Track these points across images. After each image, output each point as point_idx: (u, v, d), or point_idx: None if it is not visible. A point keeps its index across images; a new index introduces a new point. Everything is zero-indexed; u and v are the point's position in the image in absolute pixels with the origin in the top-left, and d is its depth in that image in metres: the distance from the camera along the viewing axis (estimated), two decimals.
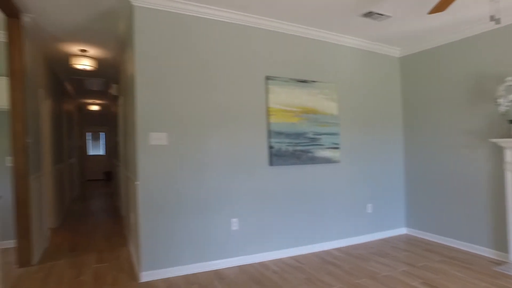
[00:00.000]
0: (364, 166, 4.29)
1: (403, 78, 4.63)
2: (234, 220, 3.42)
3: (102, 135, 12.54)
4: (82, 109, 11.46)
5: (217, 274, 3.13)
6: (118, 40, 4.21)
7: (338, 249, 3.89)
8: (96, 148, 12.54)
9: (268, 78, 3.65)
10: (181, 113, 3.20)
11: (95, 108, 10.85)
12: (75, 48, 4.56)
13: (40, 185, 3.97)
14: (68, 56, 4.88)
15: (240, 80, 3.49)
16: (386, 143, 4.50)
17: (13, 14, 3.20)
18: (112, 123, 9.75)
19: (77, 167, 9.42)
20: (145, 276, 2.99)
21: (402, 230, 4.56)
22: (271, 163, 3.64)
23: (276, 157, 3.68)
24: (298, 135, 3.83)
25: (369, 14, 3.47)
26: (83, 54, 4.76)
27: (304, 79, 3.88)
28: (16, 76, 3.27)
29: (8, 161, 4.04)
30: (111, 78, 6.33)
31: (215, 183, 3.33)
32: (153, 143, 3.08)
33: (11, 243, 3.96)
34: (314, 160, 3.92)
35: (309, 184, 3.87)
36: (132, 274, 3.15)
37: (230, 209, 3.40)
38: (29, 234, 3.38)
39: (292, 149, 3.79)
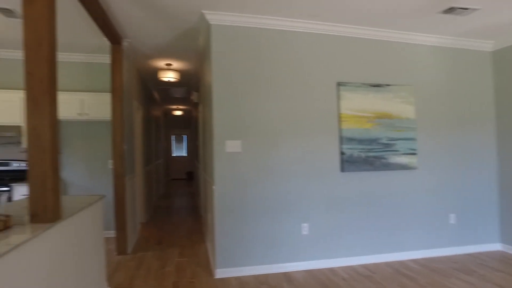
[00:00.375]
0: (445, 173, 3.97)
1: (497, 74, 4.16)
2: (305, 225, 3.48)
3: (184, 138, 13.60)
4: (168, 114, 12.60)
5: (286, 277, 3.23)
6: (198, 53, 4.59)
7: (414, 261, 3.68)
8: (180, 150, 13.64)
9: (339, 84, 3.63)
10: (254, 122, 3.38)
11: (178, 113, 11.84)
12: (162, 63, 5.09)
13: (133, 184, 4.53)
14: (156, 70, 5.47)
15: (310, 88, 3.55)
16: (474, 148, 4.09)
17: (116, 41, 3.74)
18: (193, 127, 10.53)
19: (163, 167, 10.40)
20: (220, 272, 3.23)
21: (496, 246, 4.10)
22: (343, 169, 3.61)
23: (348, 163, 3.64)
24: (371, 141, 3.73)
25: (450, 10, 3.23)
26: (168, 67, 5.29)
27: (377, 83, 3.76)
28: (116, 93, 3.81)
29: (110, 164, 4.70)
30: (192, 86, 6.88)
31: (286, 188, 3.44)
32: (229, 150, 3.31)
33: (112, 233, 4.60)
34: (388, 167, 3.77)
35: (382, 191, 3.74)
36: (208, 269, 3.43)
37: (301, 213, 3.47)
38: (125, 227, 3.90)
39: (364, 155, 3.70)
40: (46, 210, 1.83)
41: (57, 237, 1.91)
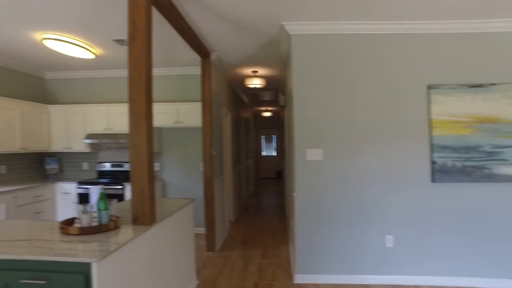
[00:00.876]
0: None
1: None
2: (389, 237, 3.32)
3: (274, 137, 13.97)
4: (257, 115, 13.11)
5: None
6: (281, 60, 4.72)
7: None
8: (269, 149, 14.06)
9: (430, 87, 3.34)
10: (335, 129, 3.35)
11: (267, 114, 12.23)
12: (248, 70, 5.37)
13: (222, 185, 4.91)
14: (243, 77, 5.79)
15: (396, 92, 3.35)
16: None
17: (204, 55, 4.12)
18: (281, 127, 10.77)
19: (253, 166, 10.89)
20: (299, 278, 3.31)
21: None
22: (434, 180, 3.33)
23: (440, 173, 3.33)
24: (468, 148, 3.34)
25: None
26: (254, 74, 5.55)
27: (478, 83, 3.34)
28: (206, 102, 4.19)
29: (201, 167, 5.17)
30: (279, 89, 7.07)
31: (369, 198, 3.33)
32: (309, 158, 3.35)
33: (202, 230, 5.07)
34: (492, 178, 3.33)
35: (483, 206, 3.32)
36: (288, 273, 3.54)
37: (385, 225, 3.32)
38: (214, 226, 4.27)
39: (460, 164, 3.34)
40: (144, 215, 2.17)
41: (153, 236, 2.25)
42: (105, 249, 1.69)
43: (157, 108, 4.86)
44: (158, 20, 3.11)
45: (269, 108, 10.94)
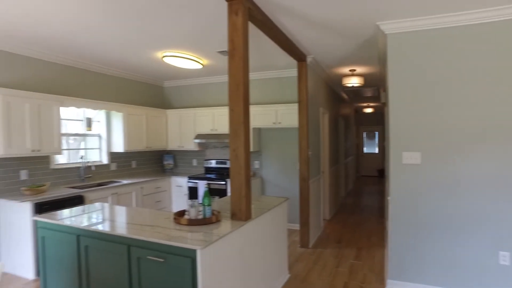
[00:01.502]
0: None
1: None
2: (504, 253, 2.97)
3: (376, 134, 13.29)
4: (358, 111, 12.66)
5: None
6: (379, 58, 4.55)
7: None
8: (371, 146, 13.44)
9: None
10: (434, 131, 3.14)
11: (369, 110, 11.71)
12: (345, 69, 5.32)
13: (318, 184, 5.02)
14: (341, 76, 5.74)
15: (508, 90, 2.94)
16: None
17: (300, 59, 4.28)
18: (384, 123, 10.21)
19: (353, 164, 10.61)
20: (391, 284, 3.23)
21: None
22: None
23: None
24: None
25: None
26: (352, 73, 5.46)
27: None
28: (302, 104, 4.35)
29: (297, 166, 5.36)
30: (380, 85, 6.76)
31: (475, 207, 3.03)
32: (406, 162, 3.22)
33: (296, 226, 5.27)
34: None
35: None
36: (380, 277, 3.47)
37: (497, 239, 2.98)
38: (308, 223, 4.42)
39: None
40: (241, 212, 2.47)
41: (248, 231, 2.53)
42: (208, 239, 2.02)
43: (256, 110, 5.23)
44: (256, 30, 3.39)
45: (371, 104, 10.47)
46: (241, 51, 2.43)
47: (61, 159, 4.56)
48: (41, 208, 3.57)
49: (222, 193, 5.16)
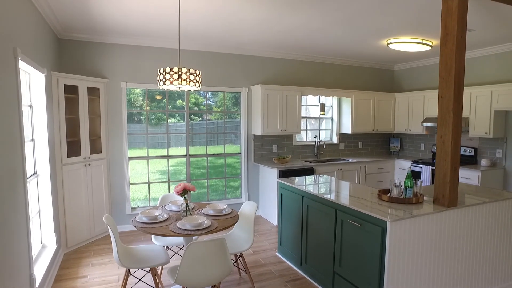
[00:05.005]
0: None
1: None
2: None
3: None
4: None
5: None
6: None
7: None
8: None
9: None
10: None
11: None
12: None
13: None
14: None
15: None
16: None
17: None
18: None
19: None
20: None
21: None
22: None
23: None
24: None
25: None
26: None
27: None
28: None
29: None
30: None
31: None
32: None
33: None
34: None
35: None
36: None
37: None
38: None
39: None
40: (444, 197, 2.48)
41: (451, 219, 2.50)
42: (399, 215, 2.25)
43: (497, 90, 4.46)
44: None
45: None
46: (455, 36, 2.36)
47: (300, 138, 5.69)
48: (283, 174, 4.73)
49: None
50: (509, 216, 2.88)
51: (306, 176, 3.86)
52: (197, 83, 2.73)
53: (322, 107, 5.68)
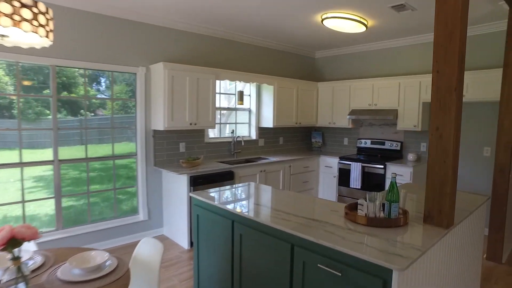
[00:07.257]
0: None
1: None
2: None
3: None
4: None
5: None
6: None
7: None
8: None
9: None
10: None
11: None
12: None
13: None
14: None
15: None
16: None
17: None
18: None
19: None
20: None
21: None
22: None
23: None
24: None
25: None
26: None
27: None
28: (509, 69, 3.15)
29: (485, 151, 4.10)
30: None
31: None
32: None
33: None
34: None
35: None
36: None
37: None
38: (502, 231, 3.29)
39: None
40: (441, 215, 1.75)
41: (448, 242, 1.80)
42: (407, 255, 1.40)
43: (425, 80, 4.18)
44: None
45: None
46: None
47: (212, 134, 4.62)
48: (196, 181, 3.61)
49: (378, 178, 4.39)
50: (476, 227, 2.37)
51: (234, 187, 2.81)
52: (47, 32, 1.47)
53: (240, 95, 4.71)
